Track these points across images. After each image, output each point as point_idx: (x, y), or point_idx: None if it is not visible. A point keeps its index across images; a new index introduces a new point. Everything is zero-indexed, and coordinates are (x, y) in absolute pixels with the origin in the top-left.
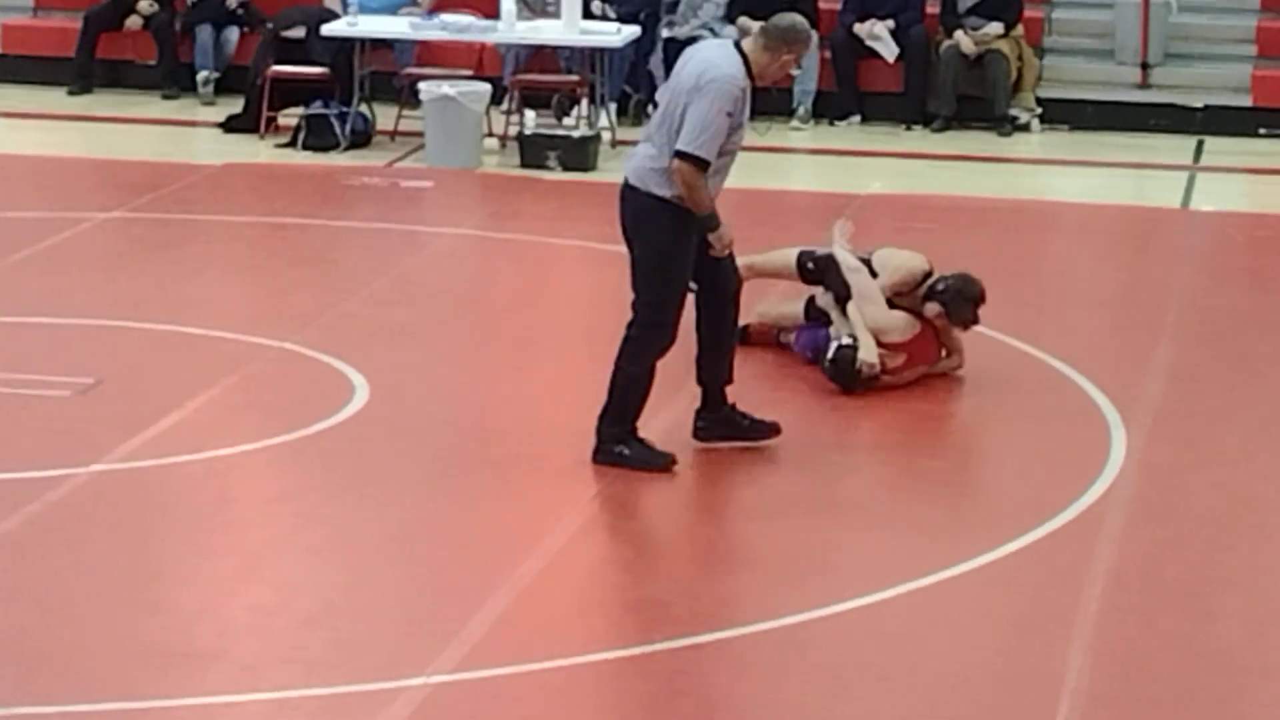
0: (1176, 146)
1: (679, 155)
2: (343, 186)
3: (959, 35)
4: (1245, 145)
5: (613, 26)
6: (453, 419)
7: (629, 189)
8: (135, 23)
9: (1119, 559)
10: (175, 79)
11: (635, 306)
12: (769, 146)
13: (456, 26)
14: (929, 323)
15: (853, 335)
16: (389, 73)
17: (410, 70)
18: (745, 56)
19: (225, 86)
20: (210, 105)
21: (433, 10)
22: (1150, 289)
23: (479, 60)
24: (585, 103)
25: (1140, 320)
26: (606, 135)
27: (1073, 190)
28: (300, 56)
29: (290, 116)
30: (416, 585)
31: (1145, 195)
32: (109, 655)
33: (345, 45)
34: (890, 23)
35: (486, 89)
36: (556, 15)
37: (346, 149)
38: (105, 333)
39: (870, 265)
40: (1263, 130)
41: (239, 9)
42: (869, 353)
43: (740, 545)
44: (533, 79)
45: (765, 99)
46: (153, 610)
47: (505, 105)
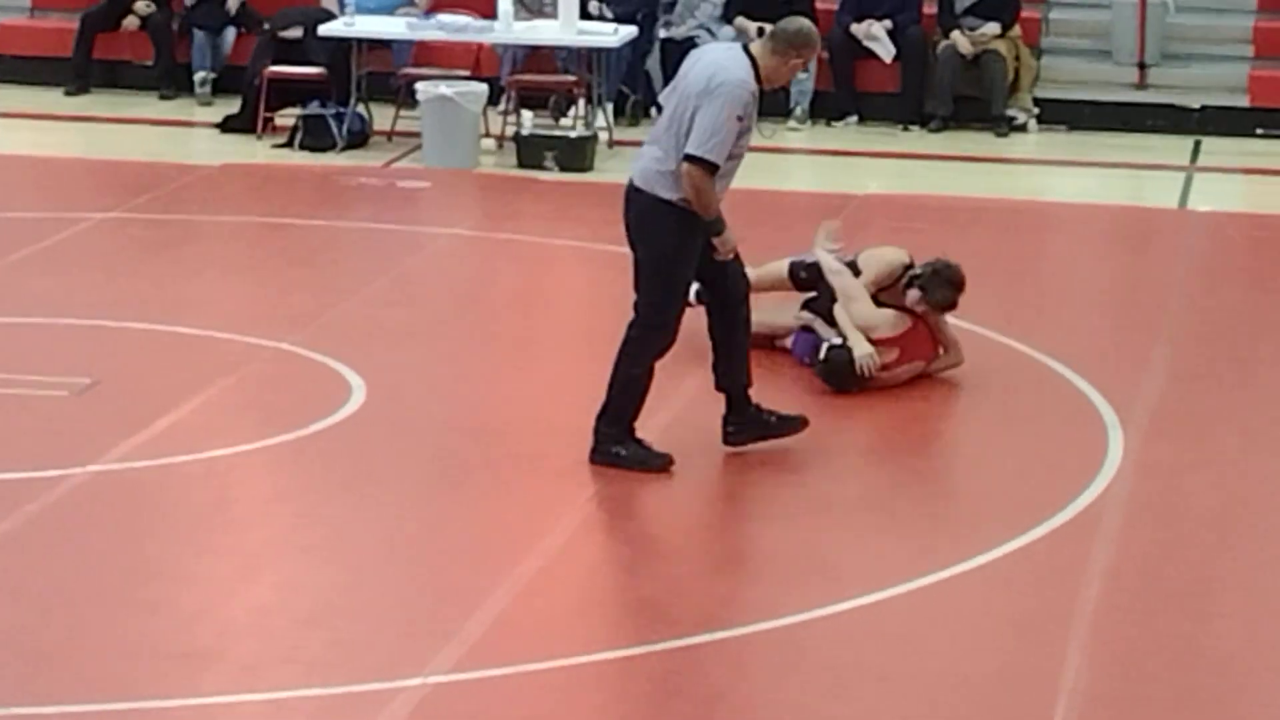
0: (1174, 147)
1: (689, 159)
2: (340, 187)
3: (956, 35)
4: (1242, 145)
5: (610, 27)
6: (451, 419)
7: (634, 191)
8: (132, 23)
9: (1117, 559)
10: (172, 79)
11: (637, 307)
12: (766, 147)
13: (453, 27)
14: (919, 318)
15: (842, 336)
16: (386, 73)
17: (407, 70)
18: (754, 60)
19: (222, 87)
20: (207, 105)
21: (430, 10)
22: (1148, 289)
23: (476, 60)
24: (582, 103)
25: (1138, 320)
26: (603, 135)
27: (1070, 190)
28: (297, 57)
29: (287, 117)
30: (415, 585)
31: (1142, 195)
32: (108, 655)
33: (342, 45)
34: (887, 23)
35: (483, 89)
36: (553, 15)
37: (343, 149)
38: (102, 333)
39: (855, 267)
40: (1260, 130)
41: (237, 10)
42: (863, 348)
43: (739, 545)
44: (530, 79)
45: (762, 99)
46: (152, 610)
47: (502, 105)
